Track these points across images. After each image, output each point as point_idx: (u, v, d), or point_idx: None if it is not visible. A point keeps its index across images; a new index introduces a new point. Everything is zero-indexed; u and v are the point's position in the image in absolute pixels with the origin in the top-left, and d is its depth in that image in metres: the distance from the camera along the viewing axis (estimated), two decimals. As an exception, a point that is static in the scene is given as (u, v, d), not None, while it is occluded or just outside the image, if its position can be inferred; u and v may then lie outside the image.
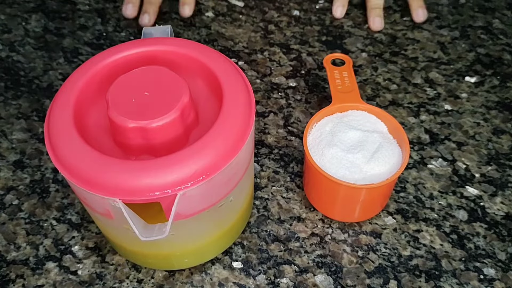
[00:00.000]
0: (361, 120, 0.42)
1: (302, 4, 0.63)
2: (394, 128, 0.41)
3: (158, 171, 0.30)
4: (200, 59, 0.36)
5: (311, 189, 0.42)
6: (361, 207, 0.40)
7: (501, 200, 0.43)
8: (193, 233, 0.36)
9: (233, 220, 0.38)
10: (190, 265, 0.39)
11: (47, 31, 0.60)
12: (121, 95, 0.33)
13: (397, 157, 0.40)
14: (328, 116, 0.43)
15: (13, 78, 0.55)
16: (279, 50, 0.57)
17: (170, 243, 0.36)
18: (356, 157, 0.39)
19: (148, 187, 0.30)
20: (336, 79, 0.45)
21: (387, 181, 0.37)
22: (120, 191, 0.30)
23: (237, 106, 0.33)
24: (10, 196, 0.45)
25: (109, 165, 0.30)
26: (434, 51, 0.57)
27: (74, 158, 0.31)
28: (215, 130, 0.32)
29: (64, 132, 0.32)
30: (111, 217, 0.32)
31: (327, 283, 0.39)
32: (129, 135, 0.32)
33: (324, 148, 0.40)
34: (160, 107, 0.32)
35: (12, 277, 0.40)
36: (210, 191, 0.32)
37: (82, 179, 0.30)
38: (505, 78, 0.54)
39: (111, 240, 0.38)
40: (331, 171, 0.39)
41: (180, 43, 0.37)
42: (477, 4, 0.62)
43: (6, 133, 0.50)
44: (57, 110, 0.33)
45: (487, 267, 0.39)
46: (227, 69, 0.35)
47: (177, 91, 0.33)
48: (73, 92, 0.34)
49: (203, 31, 0.60)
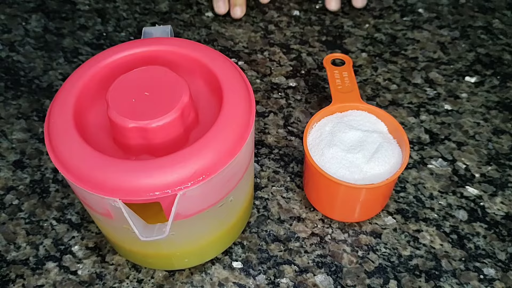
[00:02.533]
0: (361, 120, 0.42)
1: (302, 4, 0.63)
2: (394, 128, 0.41)
3: (158, 171, 0.30)
4: (200, 59, 0.36)
5: (311, 189, 0.42)
6: (361, 207, 0.40)
7: (501, 200, 0.43)
8: (193, 233, 0.36)
9: (233, 220, 0.38)
10: (190, 265, 0.39)
11: (47, 31, 0.60)
12: (121, 95, 0.33)
13: (397, 157, 0.40)
14: (328, 116, 0.43)
15: (13, 78, 0.55)
16: (279, 50, 0.57)
17: (170, 243, 0.36)
18: (356, 157, 0.39)
19: (148, 187, 0.30)
20: (336, 79, 0.45)
21: (387, 181, 0.37)
22: (120, 191, 0.30)
23: (237, 106, 0.33)
24: (10, 196, 0.45)
25: (109, 165, 0.30)
26: (434, 51, 0.57)
27: (74, 158, 0.31)
28: (215, 130, 0.32)
29: (64, 132, 0.32)
30: (111, 217, 0.32)
31: (327, 283, 0.39)
32: (129, 135, 0.32)
33: (324, 148, 0.40)
34: (160, 107, 0.32)
35: (12, 277, 0.40)
36: (210, 191, 0.32)
37: (82, 179, 0.30)
38: (505, 78, 0.54)
39: (111, 240, 0.38)
40: (331, 171, 0.39)
41: (180, 43, 0.37)
42: (477, 4, 0.62)
43: (6, 133, 0.50)
44: (57, 110, 0.33)
45: (487, 267, 0.39)
46: (227, 69, 0.35)
47: (177, 91, 0.33)
48: (73, 92, 0.34)
49: (203, 31, 0.60)
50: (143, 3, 0.63)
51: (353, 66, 0.52)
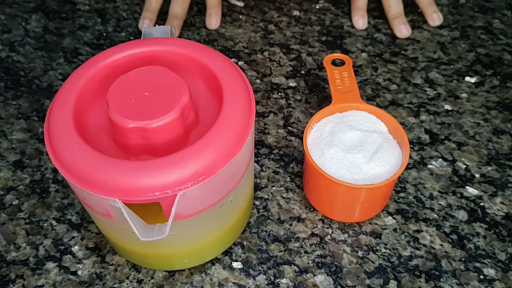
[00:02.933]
0: (361, 120, 0.42)
1: (302, 4, 0.63)
2: (394, 128, 0.41)
3: (158, 171, 0.30)
4: (200, 59, 0.36)
5: (311, 190, 0.42)
6: (361, 207, 0.40)
7: (501, 200, 0.43)
8: (193, 233, 0.36)
9: (233, 220, 0.38)
10: (190, 265, 0.39)
11: (47, 31, 0.60)
12: (121, 95, 0.33)
13: (397, 157, 0.40)
14: (328, 116, 0.43)
15: (13, 78, 0.55)
16: (279, 50, 0.57)
17: (170, 243, 0.36)
18: (356, 157, 0.39)
19: (148, 188, 0.30)
20: (336, 79, 0.45)
21: (387, 181, 0.37)
22: (120, 191, 0.30)
23: (237, 106, 0.33)
24: (10, 196, 0.45)
25: (109, 165, 0.30)
26: (434, 51, 0.57)
27: (74, 158, 0.31)
28: (215, 130, 0.32)
29: (64, 132, 0.32)
30: (111, 217, 0.32)
31: (327, 283, 0.39)
32: (129, 135, 0.32)
33: (324, 148, 0.40)
34: (160, 107, 0.32)
35: (12, 277, 0.40)
36: (210, 191, 0.32)
37: (82, 179, 0.30)
38: (505, 78, 0.54)
39: (111, 240, 0.38)
40: (331, 171, 0.39)
41: (180, 43, 0.37)
42: (477, 4, 0.62)
43: (6, 133, 0.50)
44: (57, 110, 0.33)
45: (487, 267, 0.39)
46: (227, 69, 0.35)
47: (177, 91, 0.33)
48: (73, 92, 0.34)
49: (203, 31, 0.60)
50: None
51: (353, 66, 0.52)
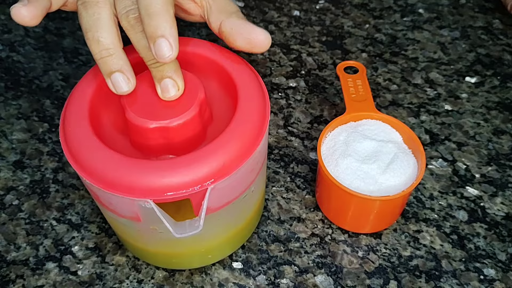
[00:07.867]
0: (376, 130, 0.41)
1: (302, 4, 0.63)
2: (409, 138, 0.40)
3: (189, 167, 0.30)
4: (209, 55, 0.36)
5: (324, 199, 0.41)
6: (375, 219, 0.39)
7: (501, 201, 0.43)
8: (219, 226, 0.36)
9: (252, 212, 0.38)
10: (213, 261, 0.39)
11: (47, 31, 0.60)
12: (136, 96, 0.33)
13: (412, 168, 0.38)
14: (342, 125, 0.42)
15: (13, 78, 0.55)
16: (279, 50, 0.57)
17: (198, 239, 0.35)
18: (371, 168, 0.38)
19: (179, 185, 0.29)
20: (350, 87, 0.44)
21: (403, 193, 0.36)
22: (151, 191, 0.29)
23: (253, 98, 0.33)
24: (10, 196, 0.45)
25: (137, 167, 0.30)
26: (434, 51, 0.57)
27: (99, 165, 0.30)
28: (237, 122, 0.32)
29: (85, 140, 0.31)
30: (139, 219, 0.32)
31: (327, 283, 0.39)
32: (150, 135, 0.32)
33: (339, 158, 0.39)
34: (177, 105, 0.32)
35: (12, 277, 0.40)
36: (237, 182, 0.32)
37: (109, 184, 0.30)
38: (505, 78, 0.54)
39: (134, 245, 0.37)
40: (346, 182, 0.38)
41: (195, 43, 0.37)
42: (477, 4, 0.62)
43: (6, 133, 0.50)
44: (72, 118, 0.33)
45: (487, 268, 0.39)
46: (235, 63, 0.36)
47: (192, 88, 0.33)
48: (87, 98, 0.33)
49: (203, 31, 0.60)
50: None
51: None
